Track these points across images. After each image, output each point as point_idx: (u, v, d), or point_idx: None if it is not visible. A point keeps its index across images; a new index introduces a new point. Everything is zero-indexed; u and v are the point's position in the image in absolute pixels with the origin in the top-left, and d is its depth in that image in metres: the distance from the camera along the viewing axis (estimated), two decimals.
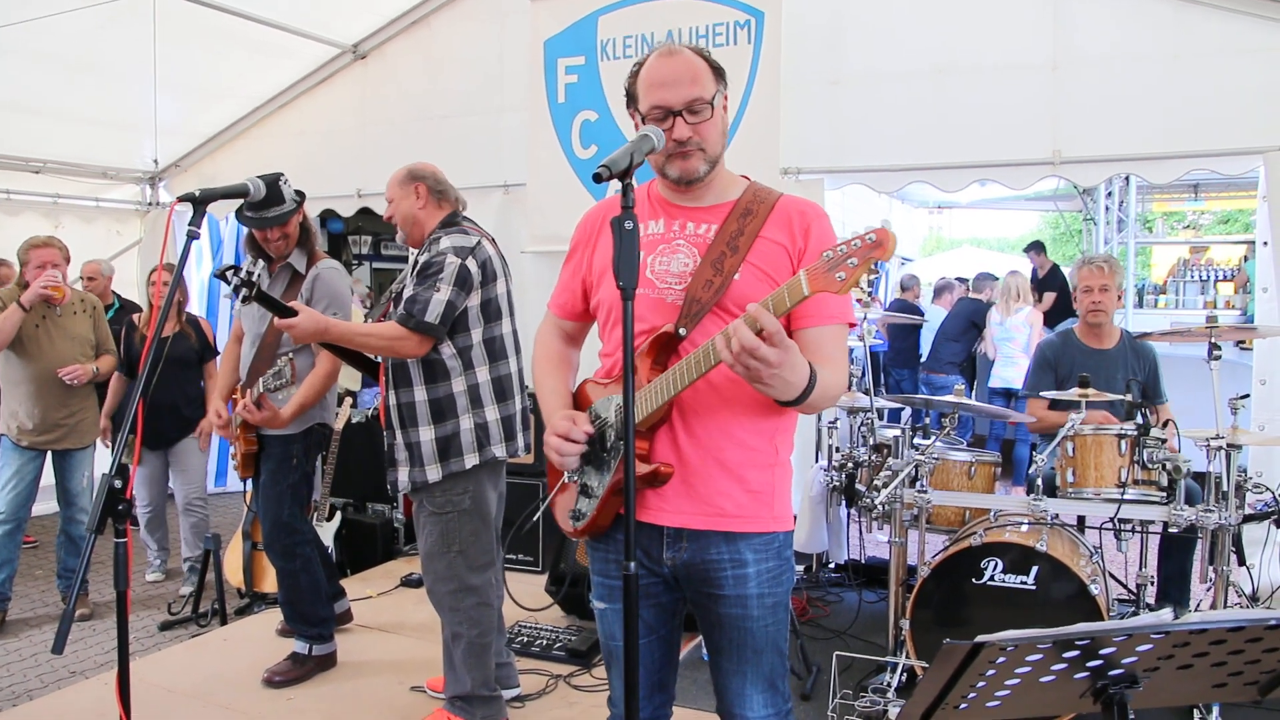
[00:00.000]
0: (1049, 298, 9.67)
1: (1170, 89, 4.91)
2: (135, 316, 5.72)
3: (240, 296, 3.35)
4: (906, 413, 6.08)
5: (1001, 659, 1.47)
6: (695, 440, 2.10)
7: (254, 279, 3.35)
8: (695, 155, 2.10)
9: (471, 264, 3.42)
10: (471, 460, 3.46)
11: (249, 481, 4.36)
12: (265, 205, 3.91)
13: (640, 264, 2.03)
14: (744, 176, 2.27)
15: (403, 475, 3.50)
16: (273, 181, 3.87)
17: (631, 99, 2.17)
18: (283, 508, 4.19)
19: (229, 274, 3.39)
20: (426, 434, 3.44)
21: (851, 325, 2.21)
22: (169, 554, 5.83)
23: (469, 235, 3.50)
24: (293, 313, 3.28)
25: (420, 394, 3.44)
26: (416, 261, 3.47)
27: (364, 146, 7.11)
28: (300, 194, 4.08)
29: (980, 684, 1.54)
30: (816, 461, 5.48)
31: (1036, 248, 10.81)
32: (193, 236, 2.38)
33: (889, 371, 10.37)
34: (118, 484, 2.14)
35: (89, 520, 2.15)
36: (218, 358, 5.58)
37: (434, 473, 3.45)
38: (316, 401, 4.12)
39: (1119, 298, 4.74)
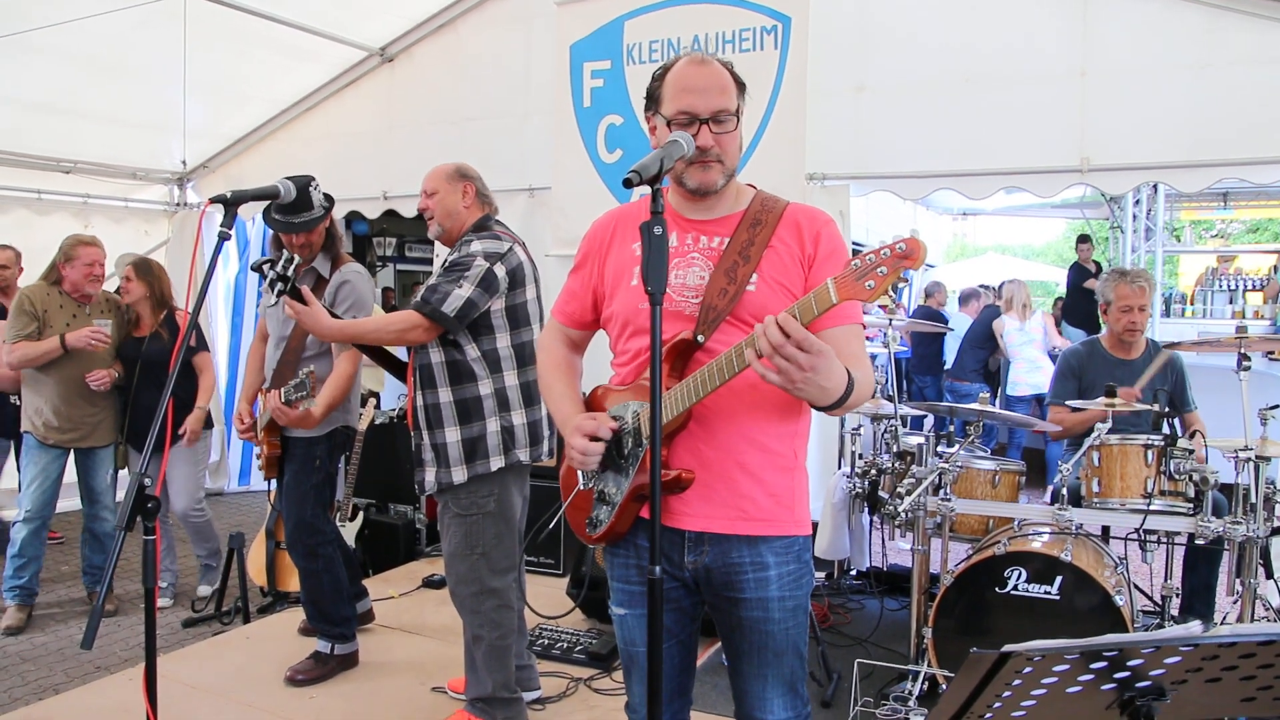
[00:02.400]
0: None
1: (1200, 97, 4.86)
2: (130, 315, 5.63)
3: (275, 291, 3.37)
4: (929, 420, 6.06)
5: (1028, 669, 1.47)
6: (715, 444, 2.10)
7: (289, 274, 3.37)
8: (715, 167, 2.12)
9: (499, 269, 3.44)
10: (497, 463, 3.48)
11: (273, 481, 4.39)
12: (293, 209, 3.93)
13: None
14: (750, 185, 2.28)
15: (429, 476, 3.51)
16: (303, 186, 3.89)
17: (653, 101, 2.18)
18: (305, 508, 4.21)
19: (265, 267, 3.41)
20: (453, 435, 3.46)
21: (864, 327, 2.23)
22: (177, 574, 5.80)
23: (501, 241, 3.52)
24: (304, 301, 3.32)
25: (445, 395, 3.46)
26: (446, 260, 3.49)
27: (390, 149, 7.15)
28: (329, 199, 4.11)
29: (1006, 694, 1.53)
30: (839, 468, 5.46)
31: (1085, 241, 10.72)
32: (224, 238, 2.40)
33: (912, 378, 10.34)
34: (147, 482, 2.16)
35: (118, 518, 2.16)
36: (201, 353, 5.44)
37: (459, 474, 3.46)
38: (342, 401, 4.13)
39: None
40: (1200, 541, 3.76)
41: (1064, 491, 3.89)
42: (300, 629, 4.74)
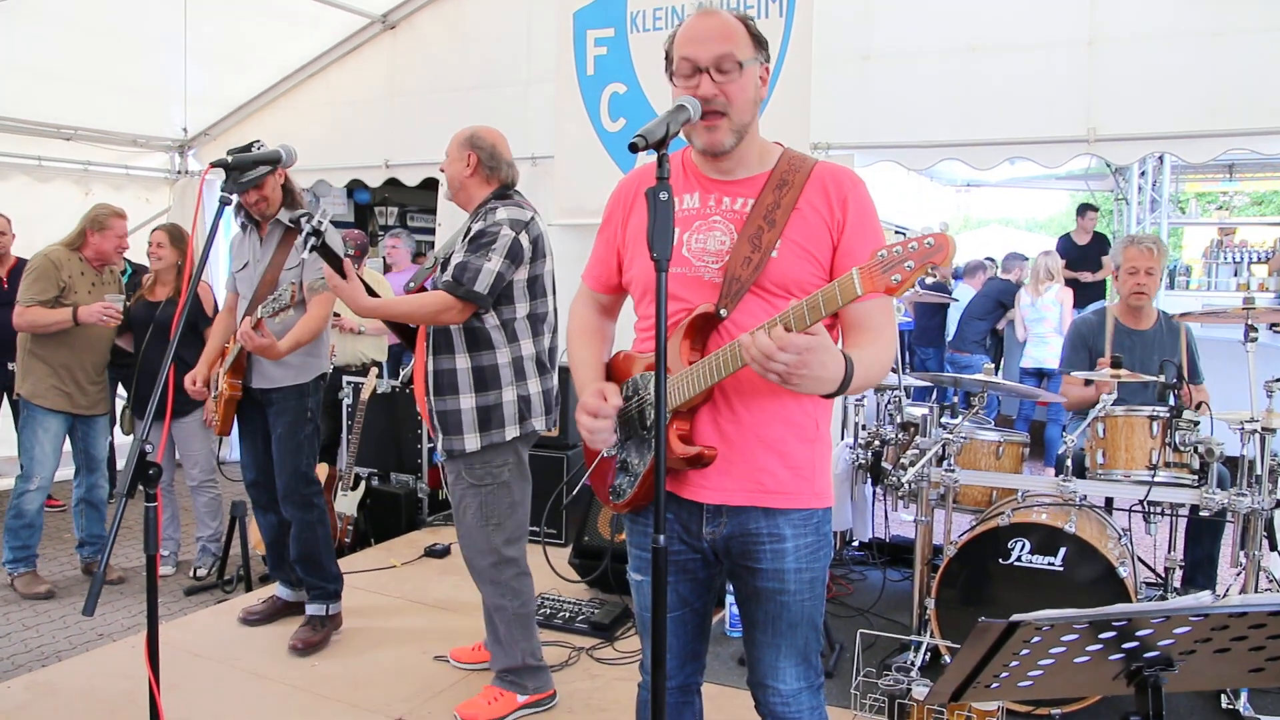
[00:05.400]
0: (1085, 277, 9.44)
1: (1208, 66, 4.83)
2: (144, 278, 5.64)
3: (309, 246, 3.30)
4: (931, 391, 6.04)
5: (1036, 638, 1.46)
6: (737, 418, 2.07)
7: (323, 229, 3.30)
8: (720, 125, 2.03)
9: (524, 238, 3.41)
10: (512, 432, 3.47)
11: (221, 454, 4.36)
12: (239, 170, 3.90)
13: (676, 241, 1.98)
14: (777, 143, 2.21)
15: (438, 443, 3.50)
16: (245, 149, 3.81)
17: (669, 62, 2.11)
18: (301, 459, 4.22)
19: (303, 220, 3.35)
20: (466, 402, 3.43)
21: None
22: (179, 543, 5.81)
23: (524, 209, 3.49)
24: (343, 272, 3.29)
25: (463, 362, 3.43)
26: (469, 229, 3.44)
27: (392, 117, 7.11)
28: (279, 153, 3.96)
29: (1013, 663, 1.53)
30: (842, 439, 5.45)
31: (1088, 209, 10.44)
32: (225, 202, 2.38)
33: (914, 350, 10.32)
34: (149, 448, 2.15)
35: (120, 485, 2.16)
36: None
37: (472, 442, 3.44)
38: (311, 339, 4.10)
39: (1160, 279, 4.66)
40: (1205, 513, 3.75)
41: (1068, 463, 3.87)
42: (242, 617, 4.54)
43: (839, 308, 1.81)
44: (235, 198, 3.21)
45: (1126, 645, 1.49)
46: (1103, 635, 1.46)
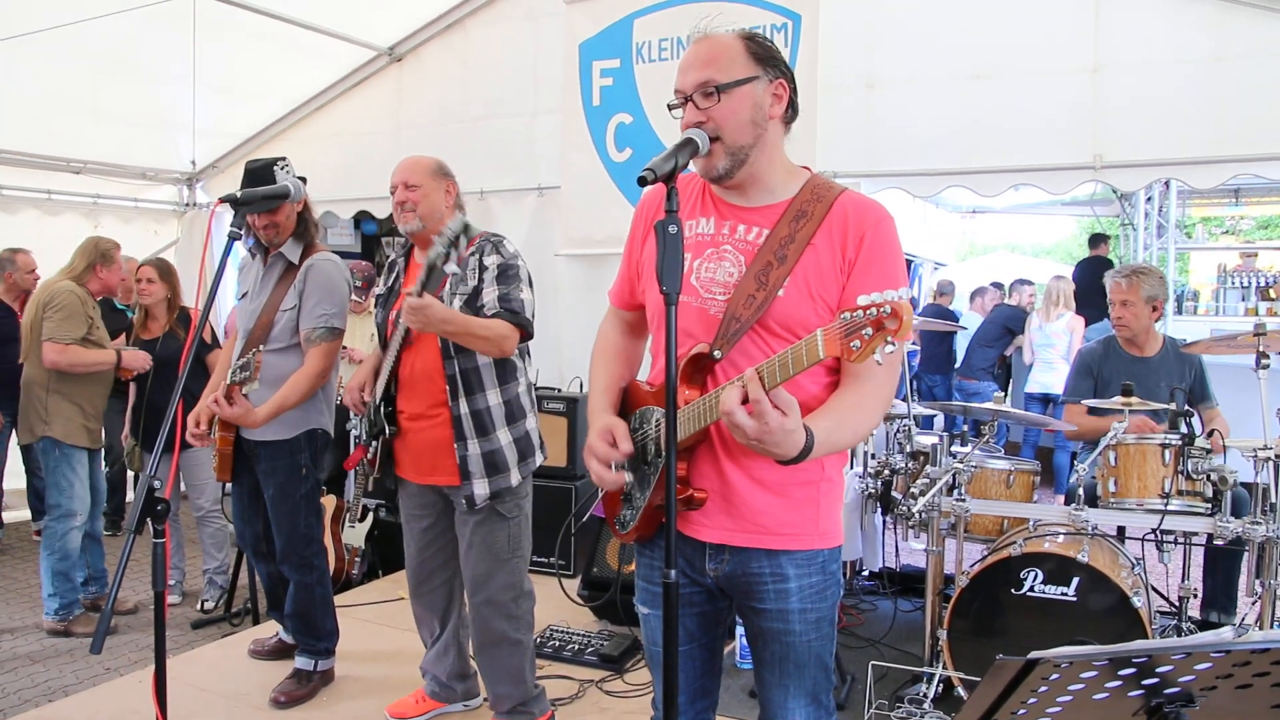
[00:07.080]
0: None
1: (1215, 91, 4.83)
2: (135, 317, 5.55)
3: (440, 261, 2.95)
4: (939, 419, 6.02)
5: (1055, 675, 1.44)
6: (736, 459, 2.02)
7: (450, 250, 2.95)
8: (712, 149, 1.96)
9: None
10: (539, 459, 3.46)
11: (228, 485, 4.17)
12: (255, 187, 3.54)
13: (686, 268, 1.96)
14: (805, 168, 2.12)
15: (480, 488, 3.34)
16: (269, 164, 3.68)
17: None
18: (299, 519, 4.00)
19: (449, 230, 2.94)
20: (505, 437, 3.37)
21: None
22: (184, 572, 5.81)
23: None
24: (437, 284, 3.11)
25: (494, 397, 3.36)
26: (483, 264, 3.29)
27: (399, 149, 7.11)
28: (301, 180, 3.73)
29: (1031, 700, 1.50)
30: (851, 468, 5.42)
31: (1097, 241, 10.52)
32: (234, 237, 2.39)
33: (921, 377, 10.29)
34: (157, 484, 2.14)
35: (128, 520, 2.15)
36: (215, 351, 5.26)
37: (515, 476, 3.39)
38: (298, 402, 3.80)
39: (1157, 309, 4.62)
40: (1219, 542, 3.72)
41: (1080, 491, 3.85)
42: (252, 649, 4.54)
43: (804, 369, 1.72)
44: (243, 232, 3.10)
45: (1147, 681, 1.46)
46: (1122, 672, 1.44)
